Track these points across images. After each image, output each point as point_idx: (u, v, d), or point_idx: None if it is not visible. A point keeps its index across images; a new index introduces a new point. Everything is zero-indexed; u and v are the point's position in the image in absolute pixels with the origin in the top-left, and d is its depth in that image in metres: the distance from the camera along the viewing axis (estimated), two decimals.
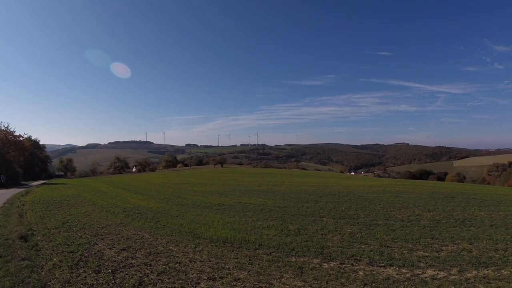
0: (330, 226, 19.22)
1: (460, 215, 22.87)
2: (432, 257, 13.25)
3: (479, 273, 11.38)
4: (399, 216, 22.65)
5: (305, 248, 14.47)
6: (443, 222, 20.57)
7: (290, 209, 25.40)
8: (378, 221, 20.87)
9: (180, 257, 12.90)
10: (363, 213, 23.64)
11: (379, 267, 12.16)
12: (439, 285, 10.35)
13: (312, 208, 25.93)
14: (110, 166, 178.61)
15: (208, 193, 38.69)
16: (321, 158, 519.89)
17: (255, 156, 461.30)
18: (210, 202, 30.27)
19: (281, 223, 20.07)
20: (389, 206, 26.65)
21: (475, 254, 13.71)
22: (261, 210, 25.32)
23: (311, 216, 22.74)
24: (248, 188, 42.82)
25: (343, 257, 13.28)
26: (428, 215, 22.91)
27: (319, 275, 11.05)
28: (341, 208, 25.62)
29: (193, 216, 23.00)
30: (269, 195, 34.81)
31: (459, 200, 30.11)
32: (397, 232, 17.87)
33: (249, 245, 15.04)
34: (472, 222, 20.53)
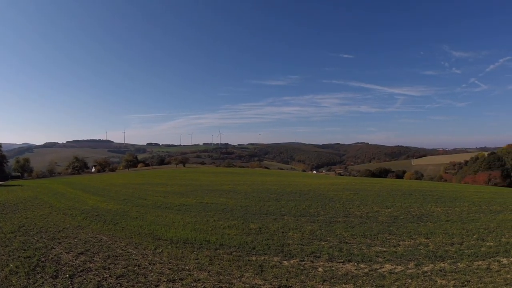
0: (290, 224, 19.52)
1: (417, 211, 23.94)
2: (390, 252, 13.80)
3: (436, 267, 11.99)
4: (358, 213, 23.33)
5: (265, 247, 14.66)
6: (401, 218, 21.45)
7: (252, 208, 25.55)
8: (338, 218, 21.40)
9: (139, 259, 12.71)
10: (323, 211, 24.14)
11: (338, 263, 12.54)
12: (396, 279, 10.81)
13: (274, 206, 26.20)
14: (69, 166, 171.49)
15: (169, 193, 38.17)
16: (284, 157, 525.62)
17: (218, 156, 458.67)
18: (171, 202, 29.90)
19: (242, 222, 20.17)
20: (348, 204, 27.36)
21: (432, 248, 14.41)
22: (223, 209, 25.31)
23: (272, 214, 22.97)
24: (210, 188, 42.61)
25: (303, 254, 13.59)
26: (386, 211, 23.78)
27: (279, 272, 11.26)
28: (302, 206, 26.05)
29: (153, 217, 22.68)
30: (231, 195, 34.83)
31: (416, 197, 31.47)
32: (356, 228, 18.41)
33: (210, 245, 15.04)
34: (428, 217, 21.57)
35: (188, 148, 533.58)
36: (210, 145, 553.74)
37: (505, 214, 23.14)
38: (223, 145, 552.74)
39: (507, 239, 16.21)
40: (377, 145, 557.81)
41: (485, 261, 12.64)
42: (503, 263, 12.48)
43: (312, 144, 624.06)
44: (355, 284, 10.44)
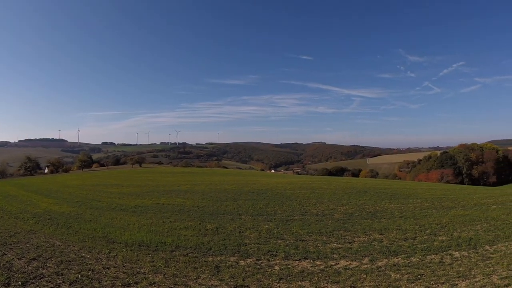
0: (248, 224, 19.52)
1: (372, 208, 24.62)
2: (345, 248, 14.06)
3: (390, 261, 12.34)
4: (314, 211, 23.64)
5: (222, 247, 14.57)
6: (356, 215, 21.96)
7: (209, 208, 25.34)
8: (295, 217, 21.60)
9: (93, 264, 12.21)
10: (280, 209, 24.30)
11: (294, 260, 12.66)
12: (351, 274, 11.02)
13: (231, 206, 26.10)
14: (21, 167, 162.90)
15: (125, 194, 37.13)
16: (242, 157, 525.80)
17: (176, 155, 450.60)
18: (126, 204, 29.13)
19: (199, 223, 19.93)
20: (305, 202, 27.67)
21: (386, 243, 14.83)
22: (179, 210, 24.92)
23: (229, 214, 22.89)
24: (167, 188, 41.86)
25: (260, 253, 13.61)
26: (341, 209, 24.28)
27: (236, 272, 11.23)
28: (259, 205, 26.09)
29: (108, 219, 22.02)
30: (188, 195, 34.34)
31: (371, 195, 32.33)
32: (312, 226, 18.65)
33: (166, 247, 14.76)
34: (383, 214, 22.24)
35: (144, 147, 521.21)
36: (168, 145, 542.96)
37: (457, 210, 24.26)
38: (180, 145, 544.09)
39: (459, 233, 17.00)
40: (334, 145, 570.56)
41: (438, 255, 13.18)
42: (455, 257, 13.07)
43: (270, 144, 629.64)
44: (311, 281, 10.55)
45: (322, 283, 10.37)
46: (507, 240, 15.95)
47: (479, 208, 25.83)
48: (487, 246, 14.86)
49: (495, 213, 23.25)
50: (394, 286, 10.13)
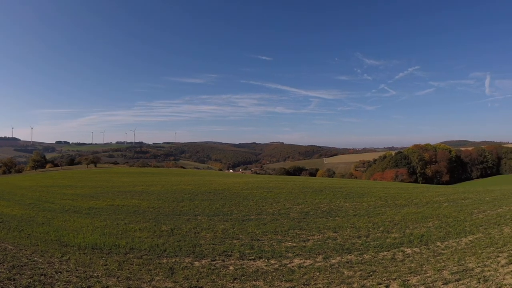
0: (203, 224, 19.35)
1: (327, 206, 25.07)
2: (300, 247, 14.18)
3: (343, 259, 12.56)
4: (270, 210, 23.74)
5: (177, 248, 14.36)
6: (311, 213, 22.27)
7: (165, 209, 24.94)
8: (251, 216, 21.63)
9: (45, 268, 11.65)
10: (236, 209, 24.26)
11: (249, 260, 12.66)
12: (305, 272, 11.12)
13: (187, 207, 25.80)
14: None
15: (79, 196, 35.86)
16: (200, 157, 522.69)
17: (132, 155, 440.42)
18: (80, 206, 28.15)
19: (154, 225, 19.55)
20: (261, 201, 27.75)
21: (340, 241, 15.10)
22: (134, 212, 24.35)
23: (185, 215, 22.62)
24: (122, 189, 40.84)
25: (215, 253, 13.55)
26: (297, 208, 24.54)
27: (190, 274, 11.12)
28: (216, 206, 25.95)
29: (61, 222, 21.19)
30: (144, 196, 33.63)
31: (326, 193, 32.86)
32: (268, 225, 18.72)
33: (120, 249, 14.37)
34: (337, 212, 22.69)
35: (100, 146, 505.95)
36: (124, 144, 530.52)
37: (410, 208, 25.09)
38: (137, 144, 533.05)
39: (411, 230, 17.57)
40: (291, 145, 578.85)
41: (390, 252, 13.58)
42: (407, 253, 13.49)
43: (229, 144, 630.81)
44: (265, 280, 10.58)
45: (276, 282, 10.41)
46: (458, 237, 16.66)
47: (431, 206, 26.84)
48: (438, 243, 15.44)
49: (446, 211, 24.22)
50: (347, 283, 10.30)
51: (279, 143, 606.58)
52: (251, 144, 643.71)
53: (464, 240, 16.20)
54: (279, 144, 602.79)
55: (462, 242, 15.81)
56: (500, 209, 25.51)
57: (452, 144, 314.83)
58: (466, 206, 26.76)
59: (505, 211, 24.29)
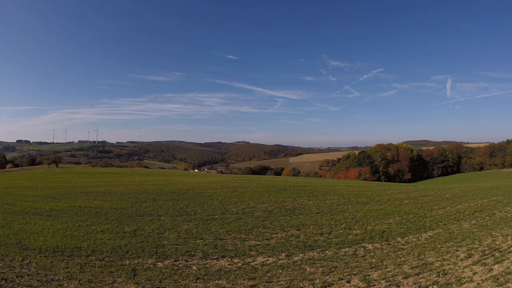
0: (167, 225, 19.09)
1: (291, 205, 25.33)
2: (263, 245, 14.23)
3: (306, 256, 12.71)
4: (235, 209, 23.73)
5: (139, 249, 14.07)
6: (275, 212, 22.42)
7: (128, 210, 24.42)
8: (215, 216, 21.52)
9: (6, 272, 11.13)
10: (200, 209, 24.09)
11: (212, 259, 12.59)
12: (268, 270, 11.17)
13: (151, 207, 25.39)
14: None
15: (40, 197, 34.57)
16: (165, 156, 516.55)
17: (95, 154, 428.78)
18: (41, 207, 27.10)
19: (116, 226, 19.10)
20: (226, 201, 27.69)
21: (302, 239, 15.27)
22: (97, 213, 23.70)
23: (148, 215, 22.24)
24: (84, 190, 39.71)
25: (178, 254, 13.39)
26: (261, 206, 24.65)
27: (153, 274, 10.94)
28: (180, 206, 25.68)
29: (21, 224, 20.28)
30: (106, 197, 32.84)
31: (291, 192, 33.20)
32: (232, 224, 18.68)
33: (81, 252, 13.91)
34: (301, 210, 22.97)
35: (62, 146, 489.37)
36: (86, 143, 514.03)
37: (371, 205, 25.72)
38: (100, 143, 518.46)
39: (372, 227, 18.03)
40: (257, 144, 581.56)
41: (352, 248, 13.87)
42: (368, 249, 13.83)
43: (194, 143, 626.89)
44: (228, 279, 10.54)
45: (239, 281, 10.39)
46: (418, 232, 17.21)
47: (393, 203, 27.61)
48: (399, 238, 15.89)
49: (407, 207, 24.95)
50: (309, 279, 10.42)
51: (244, 143, 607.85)
52: (217, 143, 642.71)
53: (424, 235, 16.75)
54: (244, 143, 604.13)
55: (422, 237, 16.34)
56: (460, 205, 26.53)
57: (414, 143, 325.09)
58: (427, 203, 27.67)
59: (464, 207, 25.29)
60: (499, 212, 23.45)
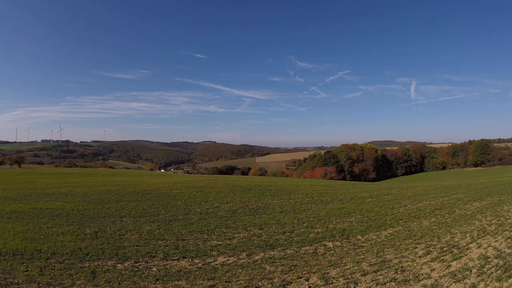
0: (129, 226, 18.76)
1: (255, 204, 25.42)
2: (225, 245, 14.21)
3: (266, 255, 12.78)
4: (198, 209, 23.58)
5: (100, 251, 13.76)
6: (239, 212, 22.43)
7: (90, 212, 23.82)
8: (178, 216, 21.33)
9: None
10: (164, 210, 23.82)
11: (173, 260, 12.48)
12: (228, 270, 11.18)
13: (113, 208, 24.87)
14: None
15: (0, 199, 33.25)
16: (131, 156, 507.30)
17: (58, 154, 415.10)
18: (2, 209, 25.99)
19: (78, 228, 18.60)
20: (190, 201, 27.49)
21: (264, 238, 15.36)
22: (58, 215, 23.00)
23: (111, 217, 21.77)
24: (46, 191, 38.48)
25: (138, 255, 13.18)
26: (225, 206, 24.61)
27: (112, 277, 10.74)
28: (143, 207, 25.30)
29: None
30: (69, 198, 31.93)
31: (255, 192, 33.35)
32: (195, 225, 18.55)
33: (41, 255, 13.48)
34: (264, 210, 23.09)
35: (24, 145, 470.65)
36: (50, 142, 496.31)
37: (334, 204, 26.14)
38: (64, 142, 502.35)
39: (334, 225, 18.32)
40: (224, 144, 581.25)
41: (312, 246, 14.06)
42: (328, 247, 14.05)
43: (160, 142, 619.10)
44: (187, 279, 10.48)
45: (199, 281, 10.36)
46: (378, 230, 17.63)
47: (355, 201, 28.16)
48: (359, 236, 16.23)
49: (369, 206, 25.50)
50: (268, 278, 10.48)
51: (211, 142, 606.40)
52: (183, 143, 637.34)
53: (384, 233, 17.16)
54: (211, 143, 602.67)
55: (382, 235, 16.74)
56: (421, 203, 27.33)
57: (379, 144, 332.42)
58: (388, 201, 28.36)
59: (424, 205, 26.08)
60: (459, 209, 24.33)
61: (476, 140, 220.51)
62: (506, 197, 31.06)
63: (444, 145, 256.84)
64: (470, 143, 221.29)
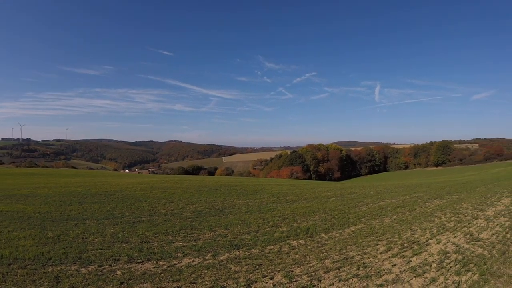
0: (92, 229, 18.36)
1: (221, 205, 25.41)
2: (190, 246, 14.20)
3: (231, 255, 12.87)
4: (163, 211, 23.38)
5: (63, 256, 13.44)
6: (204, 212, 22.38)
7: (52, 214, 23.13)
8: (142, 218, 21.07)
9: None
10: (128, 211, 23.47)
11: (138, 263, 12.35)
12: (193, 271, 11.20)
13: (76, 211, 24.26)
14: None
15: None
16: (94, 155, 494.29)
17: (19, 153, 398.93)
18: None
19: (40, 231, 18.06)
20: (155, 202, 27.19)
21: (230, 238, 15.44)
22: (19, 218, 22.23)
23: (73, 219, 21.24)
24: (6, 193, 37.01)
25: (102, 259, 12.96)
26: (191, 207, 24.49)
27: (76, 281, 10.54)
28: (106, 208, 24.81)
29: None
30: (30, 200, 30.85)
31: (221, 192, 33.33)
32: (160, 226, 18.39)
33: (3, 260, 13.02)
34: (230, 210, 23.15)
35: None
36: (10, 141, 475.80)
37: (299, 203, 26.51)
38: (24, 141, 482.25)
39: (298, 224, 18.62)
40: (190, 143, 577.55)
41: (277, 245, 14.28)
42: (292, 245, 14.29)
43: (124, 142, 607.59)
44: (152, 282, 10.44)
45: (164, 283, 10.34)
46: (341, 228, 18.05)
47: (320, 200, 28.66)
48: (323, 234, 16.57)
49: (333, 205, 26.01)
50: (233, 278, 10.59)
51: (177, 142, 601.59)
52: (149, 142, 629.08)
53: (347, 231, 17.59)
54: (177, 142, 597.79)
55: (345, 232, 17.16)
56: (383, 202, 28.09)
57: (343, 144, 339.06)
58: (352, 200, 29.01)
59: (386, 204, 26.82)
60: (419, 207, 25.17)
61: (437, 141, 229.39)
62: (465, 195, 32.34)
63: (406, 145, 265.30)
64: (432, 144, 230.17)
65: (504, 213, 22.56)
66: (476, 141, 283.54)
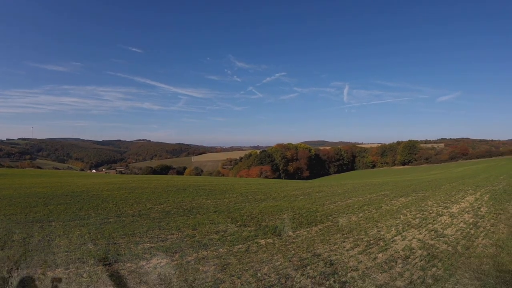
0: (58, 231, 17.91)
1: (189, 205, 25.23)
2: (157, 247, 14.08)
3: (199, 255, 12.84)
4: (130, 211, 23.07)
5: (28, 259, 13.10)
6: (172, 212, 22.19)
7: (17, 216, 22.38)
8: (109, 219, 20.73)
9: None
10: (94, 213, 23.01)
11: (105, 265, 12.16)
12: (160, 272, 11.08)
13: (41, 212, 23.59)
14: None
15: None
16: (60, 155, 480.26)
17: None
18: None
19: (5, 234, 17.48)
20: (122, 203, 26.78)
21: (198, 238, 15.39)
22: None
23: (39, 221, 20.65)
24: None
25: (69, 261, 12.69)
26: (158, 207, 24.23)
27: (42, 286, 10.35)
28: (72, 210, 24.24)
29: None
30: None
31: (190, 192, 33.09)
32: (127, 227, 18.15)
33: None
34: (198, 210, 23.02)
35: None
36: None
37: (268, 202, 26.65)
38: None
39: (267, 223, 18.75)
40: (159, 143, 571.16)
41: (245, 244, 14.34)
42: (260, 244, 14.39)
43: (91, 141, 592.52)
44: (119, 284, 10.33)
45: (131, 285, 10.23)
46: (309, 226, 18.31)
47: (288, 199, 28.90)
48: (290, 232, 16.72)
49: (301, 203, 26.29)
50: (201, 278, 10.59)
51: (146, 141, 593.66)
52: (116, 141, 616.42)
53: (315, 228, 17.84)
54: (146, 141, 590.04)
55: (313, 230, 17.40)
56: (350, 200, 28.60)
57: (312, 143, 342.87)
58: (320, 198, 29.39)
59: (354, 202, 27.32)
60: (385, 205, 25.78)
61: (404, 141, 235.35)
62: (430, 193, 33.31)
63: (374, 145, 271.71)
64: (398, 143, 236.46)
65: (468, 210, 23.41)
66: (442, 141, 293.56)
